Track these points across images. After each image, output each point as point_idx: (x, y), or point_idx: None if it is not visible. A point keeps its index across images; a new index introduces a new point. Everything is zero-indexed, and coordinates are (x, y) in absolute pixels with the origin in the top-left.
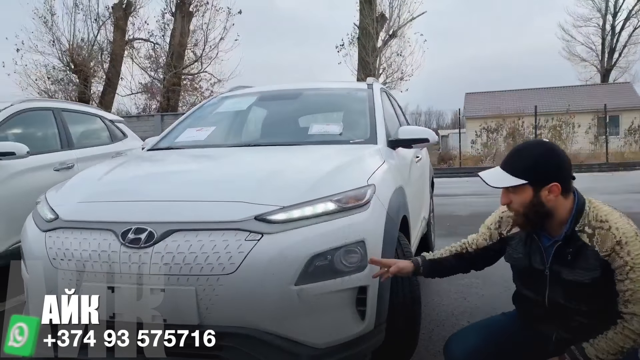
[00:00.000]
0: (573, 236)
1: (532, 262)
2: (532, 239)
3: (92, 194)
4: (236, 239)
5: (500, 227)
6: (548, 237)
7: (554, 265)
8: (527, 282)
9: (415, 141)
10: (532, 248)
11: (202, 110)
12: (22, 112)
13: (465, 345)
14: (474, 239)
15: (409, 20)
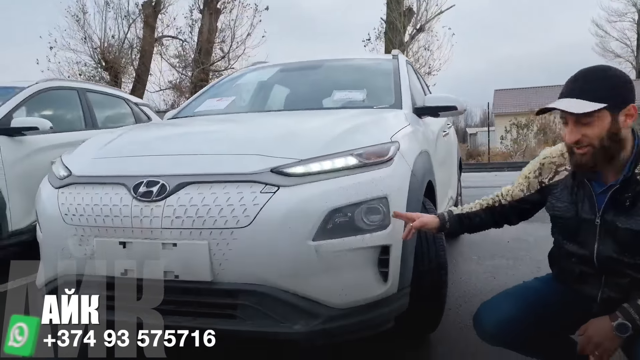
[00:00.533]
0: (633, 179)
1: (580, 212)
2: (581, 185)
3: (106, 152)
4: (251, 192)
5: (541, 174)
6: (600, 182)
7: (607, 213)
8: (572, 235)
9: (442, 109)
10: (581, 195)
11: (223, 83)
12: (47, 90)
13: (498, 314)
14: (509, 191)
15: (437, 14)
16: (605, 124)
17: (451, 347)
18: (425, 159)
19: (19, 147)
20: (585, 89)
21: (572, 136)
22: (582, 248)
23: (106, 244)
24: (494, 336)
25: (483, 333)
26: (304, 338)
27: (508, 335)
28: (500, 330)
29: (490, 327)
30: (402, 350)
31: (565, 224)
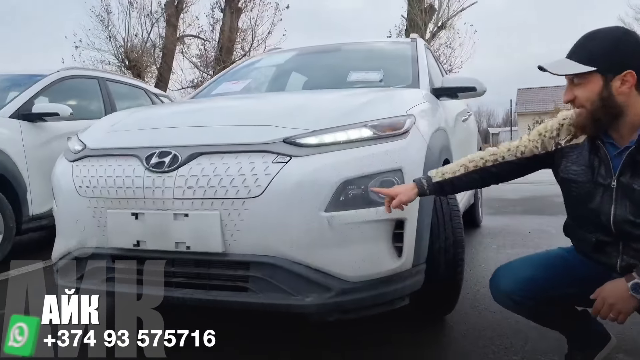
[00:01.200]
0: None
1: (596, 176)
2: (596, 148)
3: (120, 126)
4: (263, 161)
5: (559, 135)
6: (615, 144)
7: (623, 176)
8: (586, 200)
9: (460, 89)
10: (597, 159)
11: (240, 67)
12: (68, 79)
13: (515, 273)
14: (517, 147)
15: (458, 11)
16: (596, 87)
17: (468, 329)
18: (442, 137)
19: (39, 133)
20: (579, 50)
21: (565, 96)
22: (597, 214)
23: (119, 216)
24: (509, 294)
25: (497, 291)
26: (316, 311)
27: (523, 294)
28: (515, 289)
29: (505, 285)
30: (418, 331)
31: (580, 189)
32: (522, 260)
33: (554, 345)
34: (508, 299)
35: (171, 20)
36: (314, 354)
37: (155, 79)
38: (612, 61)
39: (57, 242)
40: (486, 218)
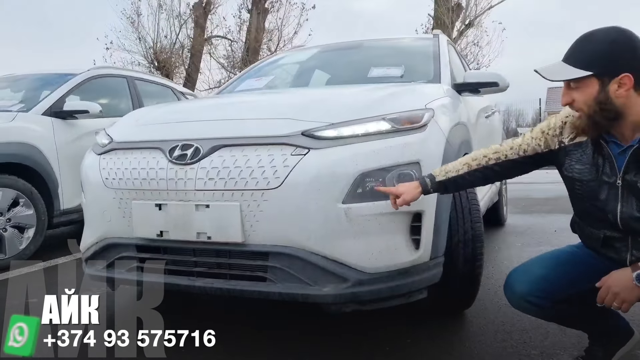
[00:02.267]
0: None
1: (601, 174)
2: (599, 146)
3: (145, 120)
4: (282, 154)
5: (562, 133)
6: (618, 143)
7: (628, 173)
8: (592, 198)
9: (482, 85)
10: (600, 157)
11: (263, 65)
12: (97, 77)
13: (529, 275)
14: (521, 145)
15: (487, 9)
16: (592, 91)
17: (487, 323)
18: (462, 131)
19: (70, 130)
20: (574, 54)
21: (563, 99)
22: (604, 211)
23: (143, 207)
24: (524, 296)
25: (512, 294)
26: (333, 301)
27: (538, 295)
28: (530, 290)
29: (519, 287)
30: (436, 325)
31: (584, 188)
32: (533, 261)
33: (574, 340)
34: (524, 301)
35: (199, 21)
36: (321, 351)
37: (183, 79)
38: (608, 65)
39: (85, 233)
40: (511, 217)
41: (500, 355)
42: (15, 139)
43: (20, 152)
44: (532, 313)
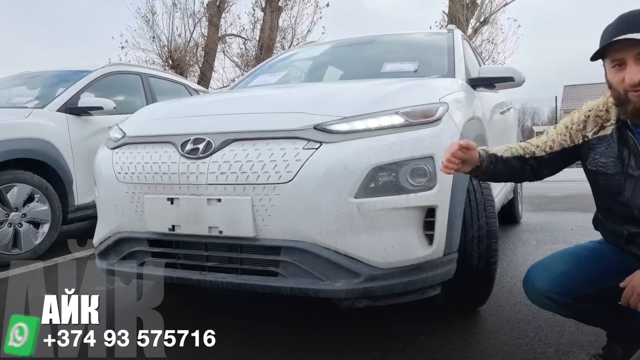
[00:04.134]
0: None
1: (627, 167)
2: (624, 138)
3: (158, 115)
4: (294, 147)
5: (585, 127)
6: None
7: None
8: (616, 193)
9: (497, 79)
10: (626, 149)
11: (276, 61)
12: (112, 74)
13: (549, 272)
14: (545, 142)
15: (502, 6)
16: None
17: (502, 321)
18: (476, 126)
19: (85, 126)
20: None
21: (635, 75)
22: (629, 206)
23: (155, 201)
24: (545, 292)
25: (533, 290)
26: (345, 296)
27: (560, 290)
28: (551, 286)
29: (540, 283)
30: (450, 322)
31: (609, 182)
32: (553, 256)
33: (592, 338)
34: (545, 297)
35: (213, 19)
36: (333, 347)
37: (197, 77)
38: None
39: (98, 227)
40: (526, 214)
41: (515, 353)
42: (30, 135)
43: (35, 148)
44: (552, 309)
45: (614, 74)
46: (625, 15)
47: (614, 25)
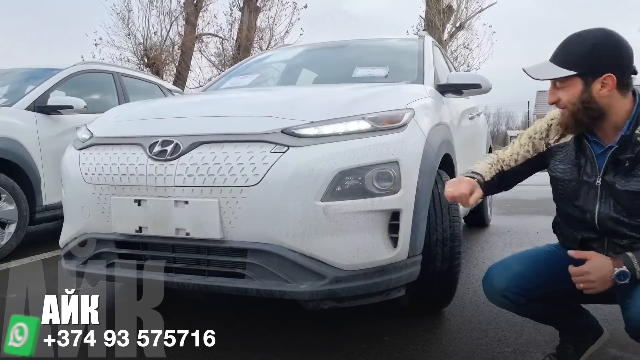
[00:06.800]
0: (632, 140)
1: (582, 174)
2: (582, 146)
3: (127, 116)
4: (261, 151)
5: (548, 136)
6: (600, 143)
7: (607, 174)
8: (573, 198)
9: (466, 86)
10: (583, 157)
11: (250, 62)
12: (83, 72)
13: (507, 272)
14: (511, 155)
15: (477, 12)
16: (576, 90)
17: (464, 321)
18: (443, 132)
19: (54, 125)
20: (559, 54)
21: (550, 97)
22: (583, 211)
23: (122, 202)
24: (502, 291)
25: (491, 288)
26: (310, 298)
27: (515, 291)
28: (508, 286)
29: (498, 282)
30: (414, 322)
31: (566, 187)
32: (512, 257)
33: (548, 338)
34: (501, 296)
35: (190, 18)
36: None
37: (173, 77)
38: (591, 65)
39: (64, 228)
40: (495, 218)
41: (474, 353)
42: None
43: (2, 147)
44: (508, 308)
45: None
46: (566, 38)
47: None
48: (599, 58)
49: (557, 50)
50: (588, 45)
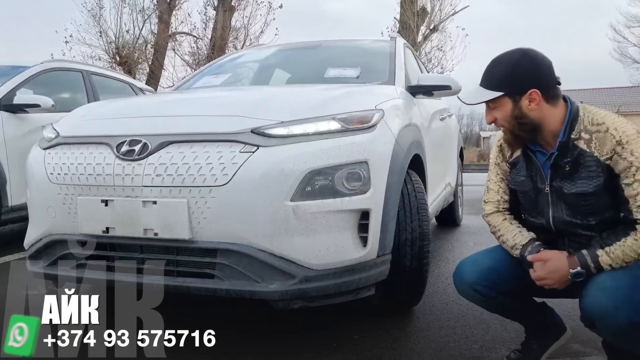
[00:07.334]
0: (569, 144)
1: (535, 183)
2: (529, 157)
3: (94, 115)
4: (230, 151)
5: (504, 154)
6: (544, 152)
7: (554, 181)
8: (532, 206)
9: (436, 88)
10: (532, 167)
11: (222, 62)
12: (51, 70)
13: (477, 266)
14: (498, 192)
15: (450, 15)
16: (507, 108)
17: (433, 319)
18: (413, 132)
19: (20, 124)
20: (486, 78)
21: (487, 118)
22: (540, 218)
23: (89, 202)
24: (472, 285)
25: (461, 282)
26: (279, 297)
27: (486, 284)
28: (478, 279)
29: (468, 276)
30: (384, 321)
31: (525, 196)
32: (482, 252)
33: (514, 335)
34: (472, 289)
35: (163, 16)
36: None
37: (146, 75)
38: (515, 84)
39: (29, 229)
40: (467, 217)
41: (442, 350)
42: None
43: None
44: (478, 302)
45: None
46: (491, 61)
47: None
48: (521, 77)
49: (484, 74)
50: (509, 67)
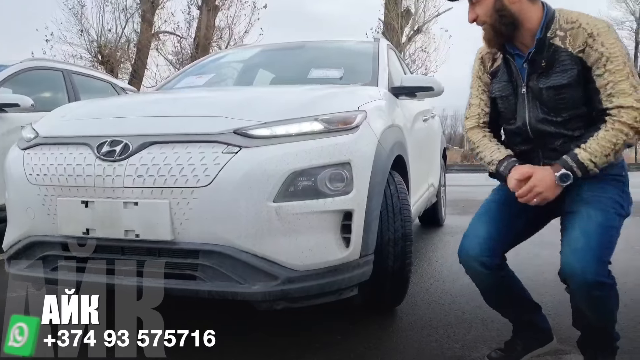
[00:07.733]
0: (545, 42)
1: (515, 87)
2: (508, 62)
3: (74, 115)
4: (213, 151)
5: (485, 66)
6: (521, 55)
7: (531, 80)
8: (512, 113)
9: (419, 89)
10: (512, 71)
11: (205, 62)
12: (31, 70)
13: (477, 239)
14: (479, 106)
15: (434, 16)
16: (489, 2)
17: (416, 319)
18: (395, 133)
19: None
20: None
21: (469, 16)
22: (518, 122)
23: (69, 204)
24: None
25: (467, 256)
26: (262, 299)
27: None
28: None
29: (472, 250)
30: (367, 321)
31: (505, 103)
32: (474, 224)
33: (495, 334)
34: (479, 263)
35: (146, 15)
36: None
37: (129, 75)
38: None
39: (7, 231)
40: (450, 217)
41: (424, 350)
42: None
43: None
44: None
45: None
46: None
47: None
48: None
49: None
50: None
